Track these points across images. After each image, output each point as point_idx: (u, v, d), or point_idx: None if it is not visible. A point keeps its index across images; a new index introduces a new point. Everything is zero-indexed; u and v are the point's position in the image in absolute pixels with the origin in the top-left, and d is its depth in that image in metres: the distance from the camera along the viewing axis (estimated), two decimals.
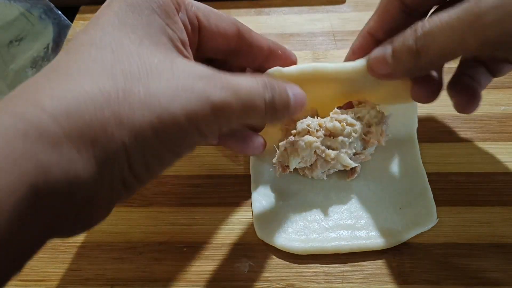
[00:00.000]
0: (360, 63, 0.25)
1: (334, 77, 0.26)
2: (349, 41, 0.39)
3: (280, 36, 0.40)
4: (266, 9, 0.43)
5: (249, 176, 0.30)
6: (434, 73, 0.25)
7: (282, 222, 0.28)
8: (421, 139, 0.31)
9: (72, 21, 0.43)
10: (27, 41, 0.40)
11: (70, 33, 0.41)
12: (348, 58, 0.28)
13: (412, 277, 0.25)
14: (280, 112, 0.22)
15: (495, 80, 0.36)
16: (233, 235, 0.28)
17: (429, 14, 0.25)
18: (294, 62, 0.28)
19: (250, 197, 0.29)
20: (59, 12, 0.41)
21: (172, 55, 0.20)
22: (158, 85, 0.18)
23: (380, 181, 0.30)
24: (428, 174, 0.29)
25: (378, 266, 0.26)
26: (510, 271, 0.25)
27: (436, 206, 0.28)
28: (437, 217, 0.27)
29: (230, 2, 0.44)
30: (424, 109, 0.32)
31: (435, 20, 0.21)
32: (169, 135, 0.18)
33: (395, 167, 0.30)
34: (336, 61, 0.38)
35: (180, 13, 0.21)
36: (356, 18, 0.42)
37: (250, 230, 0.27)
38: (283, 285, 0.26)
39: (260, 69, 0.26)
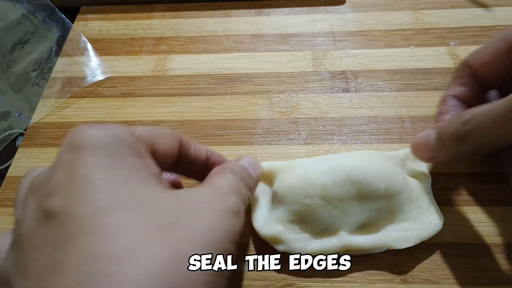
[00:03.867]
0: None
1: None
2: (349, 42, 0.40)
3: (280, 36, 0.41)
4: (266, 10, 0.43)
5: None
6: None
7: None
8: None
9: (72, 22, 0.43)
10: (30, 44, 0.41)
11: (71, 34, 0.41)
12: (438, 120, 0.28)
13: (412, 277, 0.25)
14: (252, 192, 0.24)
15: None
16: None
17: None
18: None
19: None
20: (63, 15, 0.42)
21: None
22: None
23: None
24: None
25: (378, 266, 0.26)
26: (510, 271, 0.25)
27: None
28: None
29: (230, 2, 0.44)
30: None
31: (483, 108, 0.21)
32: None
33: None
34: (335, 61, 0.38)
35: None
36: (356, 18, 0.42)
37: (250, 230, 0.27)
38: (283, 284, 0.26)
39: (198, 176, 0.25)
